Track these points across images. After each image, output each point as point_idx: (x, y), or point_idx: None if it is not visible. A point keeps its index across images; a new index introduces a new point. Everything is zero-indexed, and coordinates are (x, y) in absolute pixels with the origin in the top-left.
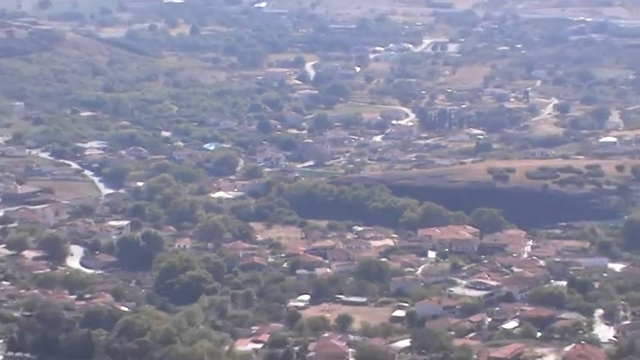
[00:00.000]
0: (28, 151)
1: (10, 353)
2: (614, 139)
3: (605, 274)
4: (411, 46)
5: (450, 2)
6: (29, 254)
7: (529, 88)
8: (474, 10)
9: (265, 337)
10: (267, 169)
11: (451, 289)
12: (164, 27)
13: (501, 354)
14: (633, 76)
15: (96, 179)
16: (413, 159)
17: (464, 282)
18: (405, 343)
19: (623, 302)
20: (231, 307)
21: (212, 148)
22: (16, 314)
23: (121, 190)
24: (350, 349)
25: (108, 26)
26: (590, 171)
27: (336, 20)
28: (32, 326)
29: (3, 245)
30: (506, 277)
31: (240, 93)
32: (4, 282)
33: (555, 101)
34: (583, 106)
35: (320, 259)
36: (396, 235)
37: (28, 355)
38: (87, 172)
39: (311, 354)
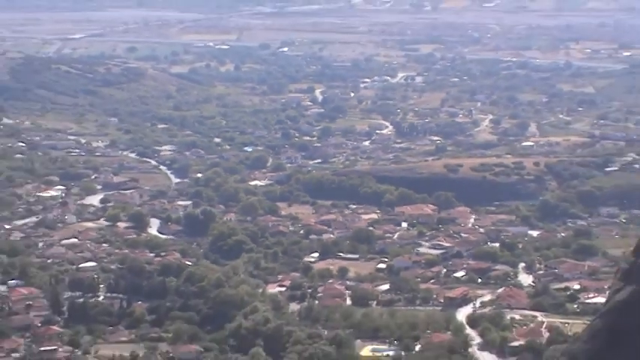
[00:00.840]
0: (120, 152)
1: (109, 294)
2: (532, 144)
3: (525, 238)
4: (389, 78)
5: (417, 47)
6: (121, 225)
7: (472, 108)
8: (434, 52)
9: (287, 283)
10: (288, 165)
11: (418, 249)
12: (216, 65)
13: (453, 294)
14: (545, 99)
15: (168, 172)
16: (391, 157)
17: (427, 244)
18: (386, 286)
19: (538, 258)
20: (264, 262)
21: (250, 150)
22: (112, 267)
23: (186, 180)
24: (347, 291)
25: (176, 65)
26: (515, 166)
27: (337, 60)
28: (124, 275)
29: (103, 218)
30: (457, 240)
31: (269, 111)
32: (104, 244)
33: (491, 117)
34: (510, 120)
35: (326, 227)
36: (379, 211)
37: (121, 295)
38: (162, 167)
39: (319, 294)
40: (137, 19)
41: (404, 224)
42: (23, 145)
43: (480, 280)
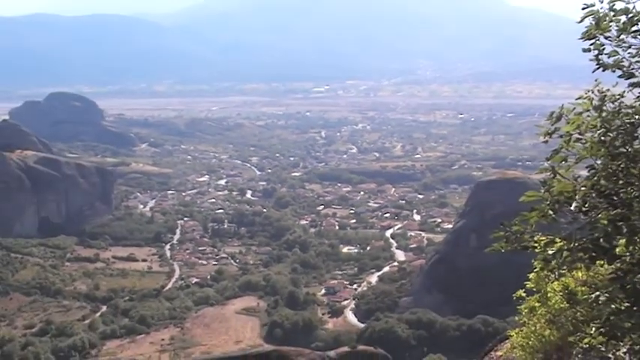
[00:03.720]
0: (233, 160)
1: (229, 224)
2: (418, 156)
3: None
4: (354, 126)
5: (367, 112)
6: (234, 193)
7: (391, 141)
8: (374, 116)
9: (309, 219)
10: (308, 166)
11: (368, 203)
12: (274, 121)
13: (384, 224)
14: (425, 137)
15: (255, 169)
16: (355, 162)
17: (372, 201)
18: (354, 221)
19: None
20: (298, 209)
21: (292, 159)
22: (230, 212)
23: (263, 173)
24: (336, 223)
25: (259, 121)
26: (410, 165)
27: (330, 119)
28: (235, 215)
29: (226, 190)
30: (384, 200)
31: (300, 141)
32: (226, 201)
33: (400, 144)
34: (409, 145)
35: (326, 194)
36: (350, 186)
37: (234, 224)
38: (252, 167)
39: (323, 224)
40: (241, 101)
41: (361, 192)
42: (190, 156)
43: (395, 217)
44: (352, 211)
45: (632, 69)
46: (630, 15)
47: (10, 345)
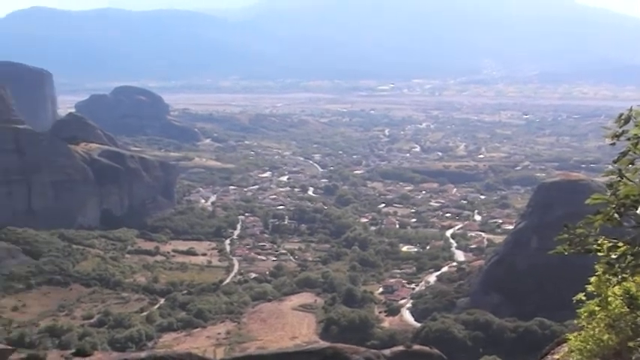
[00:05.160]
0: (296, 157)
1: (289, 220)
2: (482, 156)
3: (479, 198)
4: (419, 125)
5: (432, 111)
6: (295, 189)
7: (455, 140)
8: (439, 115)
9: (370, 217)
10: (371, 164)
11: (430, 203)
12: (338, 118)
13: (445, 223)
14: (489, 136)
15: (318, 166)
16: (418, 161)
17: (433, 201)
18: (414, 220)
19: (484, 209)
20: (359, 207)
21: (354, 156)
22: (291, 208)
23: (325, 170)
24: (397, 221)
25: (323, 118)
26: (473, 166)
27: (395, 117)
28: (296, 212)
29: (287, 186)
30: (446, 199)
31: (364, 139)
32: (287, 198)
33: (464, 144)
34: (472, 146)
35: (388, 192)
36: (412, 185)
37: (294, 221)
38: (315, 164)
39: (384, 223)
40: (306, 98)
41: (423, 192)
42: (253, 152)
43: (456, 217)
44: (413, 210)
45: None
46: None
47: (68, 335)
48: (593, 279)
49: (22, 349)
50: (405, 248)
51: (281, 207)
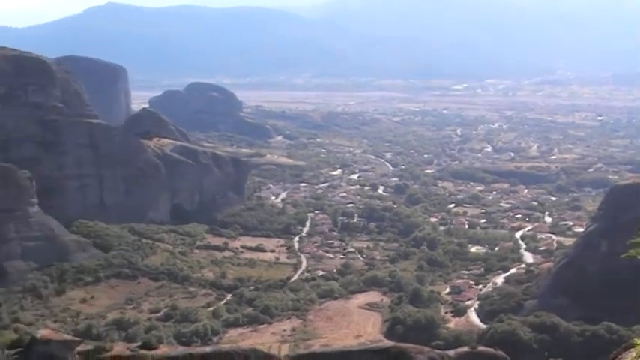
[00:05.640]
0: (367, 155)
1: (358, 219)
2: (554, 157)
3: (550, 200)
4: (490, 125)
5: (505, 111)
6: (365, 188)
7: (528, 141)
8: (512, 115)
9: (439, 217)
10: (442, 163)
11: (500, 204)
12: (411, 117)
13: (514, 224)
14: (561, 137)
15: (389, 165)
16: (489, 161)
17: (504, 202)
18: (483, 220)
19: (557, 210)
20: (429, 207)
21: (426, 156)
22: (360, 206)
23: (396, 169)
24: (466, 222)
25: (395, 116)
26: (545, 167)
27: (467, 117)
28: (365, 210)
29: (357, 184)
30: (517, 201)
31: (435, 138)
32: (357, 196)
33: (537, 145)
34: (544, 147)
35: (458, 192)
36: (483, 186)
37: (363, 219)
38: (386, 162)
39: (453, 223)
40: (379, 96)
41: (494, 192)
42: (324, 150)
43: (526, 218)
44: (483, 211)
45: None
46: None
47: (135, 328)
48: None
49: (89, 340)
50: (473, 249)
51: (350, 205)
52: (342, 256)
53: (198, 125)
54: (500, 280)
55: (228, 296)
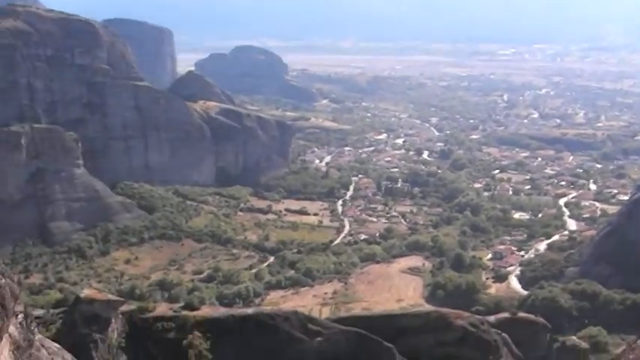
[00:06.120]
0: (412, 120)
1: (402, 183)
2: (600, 124)
3: (592, 169)
4: (537, 91)
5: (552, 77)
6: (410, 152)
7: (575, 107)
8: (559, 81)
9: (484, 183)
10: (487, 129)
11: (544, 170)
12: (457, 82)
13: (558, 191)
14: (609, 105)
15: (434, 129)
16: (536, 128)
17: (549, 168)
18: (528, 187)
19: (597, 177)
20: (474, 173)
21: (472, 121)
22: (405, 171)
23: (441, 134)
24: (510, 188)
25: (442, 81)
26: (591, 134)
27: (514, 83)
28: (409, 175)
29: (403, 149)
30: (561, 167)
31: (482, 104)
32: (402, 161)
33: (583, 112)
34: (591, 114)
35: (503, 159)
36: (528, 152)
37: (407, 184)
38: (431, 127)
39: (497, 189)
40: (426, 61)
41: (539, 159)
42: (369, 114)
43: (571, 185)
44: (528, 177)
45: None
46: None
47: (178, 289)
48: None
49: (132, 301)
50: (517, 215)
51: (395, 169)
52: (385, 221)
53: (244, 88)
54: (542, 246)
55: (271, 259)
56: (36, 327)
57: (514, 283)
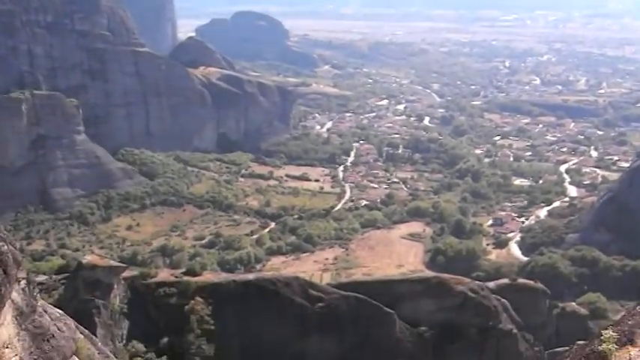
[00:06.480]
0: (413, 85)
1: (403, 149)
2: (602, 91)
3: (595, 134)
4: (539, 57)
5: (554, 43)
6: (411, 119)
7: (576, 74)
8: (561, 48)
9: (484, 149)
10: (489, 95)
11: (545, 136)
12: (458, 48)
13: (559, 157)
14: (610, 71)
15: (435, 95)
16: (537, 94)
17: (549, 134)
18: (529, 153)
19: (600, 142)
20: (474, 139)
21: (473, 87)
22: (406, 137)
23: (443, 100)
24: (511, 154)
25: (443, 47)
26: (593, 101)
27: (516, 49)
28: (410, 141)
29: (403, 115)
30: (562, 134)
31: (483, 70)
32: (403, 127)
33: (584, 79)
34: (593, 80)
35: (504, 125)
36: (529, 118)
37: (408, 150)
38: (432, 93)
39: (499, 155)
40: (427, 27)
41: (540, 125)
42: (371, 80)
43: (572, 152)
44: (529, 144)
45: None
46: None
47: (179, 255)
48: None
49: (134, 266)
50: (517, 181)
51: (396, 135)
52: (386, 187)
53: (244, 54)
54: (543, 213)
55: (272, 225)
56: (38, 293)
57: (514, 249)
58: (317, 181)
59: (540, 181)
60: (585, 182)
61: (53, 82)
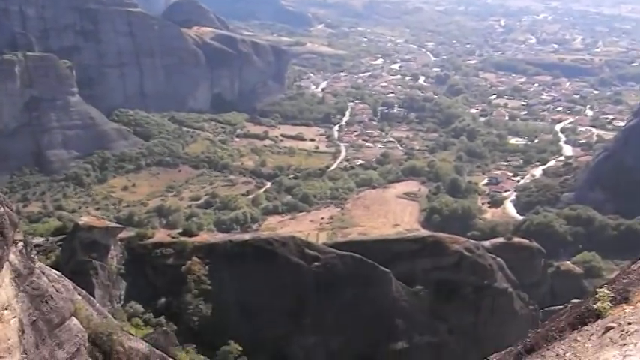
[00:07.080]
0: (408, 44)
1: (398, 109)
2: (598, 50)
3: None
4: (535, 16)
5: (555, 5)
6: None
7: (571, 33)
8: (557, 6)
9: (479, 108)
10: (484, 54)
11: (541, 96)
12: (454, 7)
13: (554, 117)
14: (607, 30)
15: (430, 54)
16: (532, 53)
17: (545, 93)
18: (524, 112)
19: (595, 103)
20: (470, 98)
21: (468, 46)
22: (401, 96)
23: (437, 59)
24: (506, 113)
25: (439, 6)
26: (589, 60)
27: (514, 9)
28: (406, 101)
29: (399, 74)
30: (558, 93)
31: (479, 29)
32: (398, 86)
33: (580, 38)
34: (589, 39)
35: (500, 84)
36: (525, 77)
37: (403, 109)
38: (428, 52)
39: (494, 114)
40: None
41: (535, 84)
42: (366, 39)
43: (567, 111)
44: (524, 103)
45: None
46: None
47: (176, 215)
48: None
49: (131, 227)
50: (513, 141)
51: (391, 95)
52: (381, 146)
53: (238, 14)
54: (538, 172)
55: (268, 184)
56: (36, 255)
57: (509, 208)
58: (312, 140)
59: (536, 141)
60: (580, 141)
61: (46, 43)
